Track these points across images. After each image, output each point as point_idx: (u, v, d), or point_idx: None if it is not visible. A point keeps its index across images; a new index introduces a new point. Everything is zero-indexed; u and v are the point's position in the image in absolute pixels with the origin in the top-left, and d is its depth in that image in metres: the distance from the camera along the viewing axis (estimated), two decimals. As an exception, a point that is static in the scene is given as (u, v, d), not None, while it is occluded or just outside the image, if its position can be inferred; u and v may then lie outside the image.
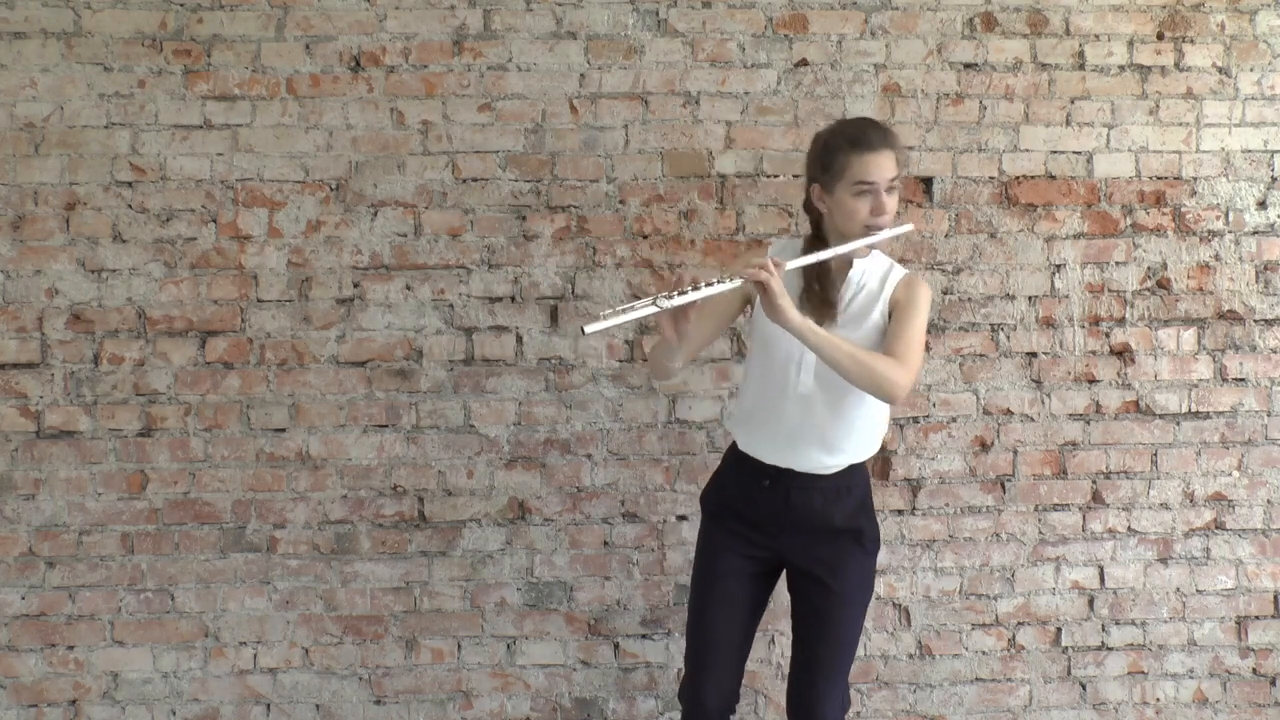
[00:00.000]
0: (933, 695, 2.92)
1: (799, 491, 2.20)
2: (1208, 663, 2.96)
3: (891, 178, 2.12)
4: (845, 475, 2.23)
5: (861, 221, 2.12)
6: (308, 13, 2.76)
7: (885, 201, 2.11)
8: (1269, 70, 2.91)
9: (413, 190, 2.80)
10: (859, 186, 2.10)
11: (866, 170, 2.09)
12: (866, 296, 2.21)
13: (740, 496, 2.25)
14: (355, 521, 2.82)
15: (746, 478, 2.24)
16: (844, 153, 2.12)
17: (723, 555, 2.26)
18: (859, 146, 2.11)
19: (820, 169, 2.17)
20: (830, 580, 2.21)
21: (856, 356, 2.05)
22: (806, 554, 2.22)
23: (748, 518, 2.24)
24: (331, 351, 2.80)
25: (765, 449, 2.22)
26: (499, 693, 2.86)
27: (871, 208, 2.11)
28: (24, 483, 2.76)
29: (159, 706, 2.81)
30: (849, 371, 2.05)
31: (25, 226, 2.74)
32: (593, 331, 1.94)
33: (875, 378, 2.05)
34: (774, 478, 2.21)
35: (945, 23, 2.86)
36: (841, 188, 2.12)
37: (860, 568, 2.25)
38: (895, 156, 2.13)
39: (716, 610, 2.25)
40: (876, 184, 2.10)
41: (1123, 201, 2.91)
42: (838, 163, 2.12)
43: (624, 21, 2.81)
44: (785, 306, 1.99)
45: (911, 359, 2.11)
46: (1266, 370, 2.94)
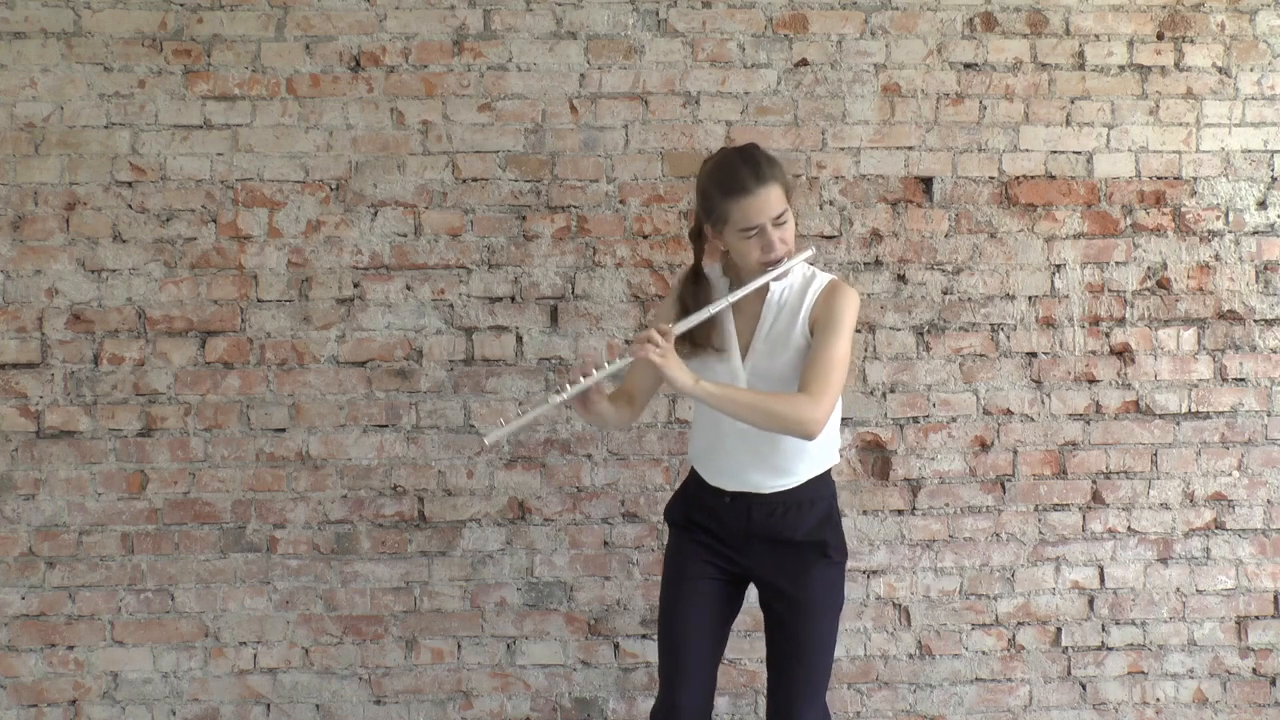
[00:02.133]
0: (933, 695, 2.92)
1: (759, 508, 2.18)
2: (1208, 663, 2.96)
3: (778, 212, 2.05)
4: (808, 488, 2.19)
5: (755, 260, 2.08)
6: (308, 13, 2.77)
7: (773, 238, 2.05)
8: (1269, 70, 2.91)
9: (413, 190, 2.80)
10: (744, 232, 2.06)
11: (747, 216, 2.04)
12: (788, 315, 2.14)
13: (703, 512, 2.23)
14: (355, 521, 2.82)
15: (708, 496, 2.23)
16: (722, 201, 2.06)
17: (691, 561, 2.23)
18: (734, 193, 2.04)
19: (704, 213, 2.13)
20: (796, 592, 2.17)
21: (758, 406, 2.02)
22: (772, 567, 2.19)
23: (712, 531, 2.22)
24: (331, 351, 2.80)
25: (721, 479, 2.21)
26: (499, 693, 2.86)
27: (761, 247, 2.06)
28: (24, 483, 2.76)
29: (159, 706, 2.81)
30: (754, 422, 2.03)
31: (25, 226, 2.74)
32: (493, 441, 2.02)
33: (783, 421, 2.03)
34: (734, 496, 2.20)
35: (945, 23, 2.86)
36: (728, 231, 2.08)
37: (826, 580, 2.20)
38: (778, 188, 2.05)
39: (687, 611, 2.21)
40: (762, 224, 2.04)
41: (1123, 201, 2.91)
42: (718, 210, 2.07)
43: (624, 21, 2.81)
44: (676, 376, 2.00)
45: (827, 387, 2.04)
46: (1266, 370, 2.94)
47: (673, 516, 2.31)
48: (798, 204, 2.16)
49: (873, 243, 2.87)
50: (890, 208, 2.87)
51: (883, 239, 2.87)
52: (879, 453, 2.89)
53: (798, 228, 2.81)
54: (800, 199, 2.84)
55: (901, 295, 2.88)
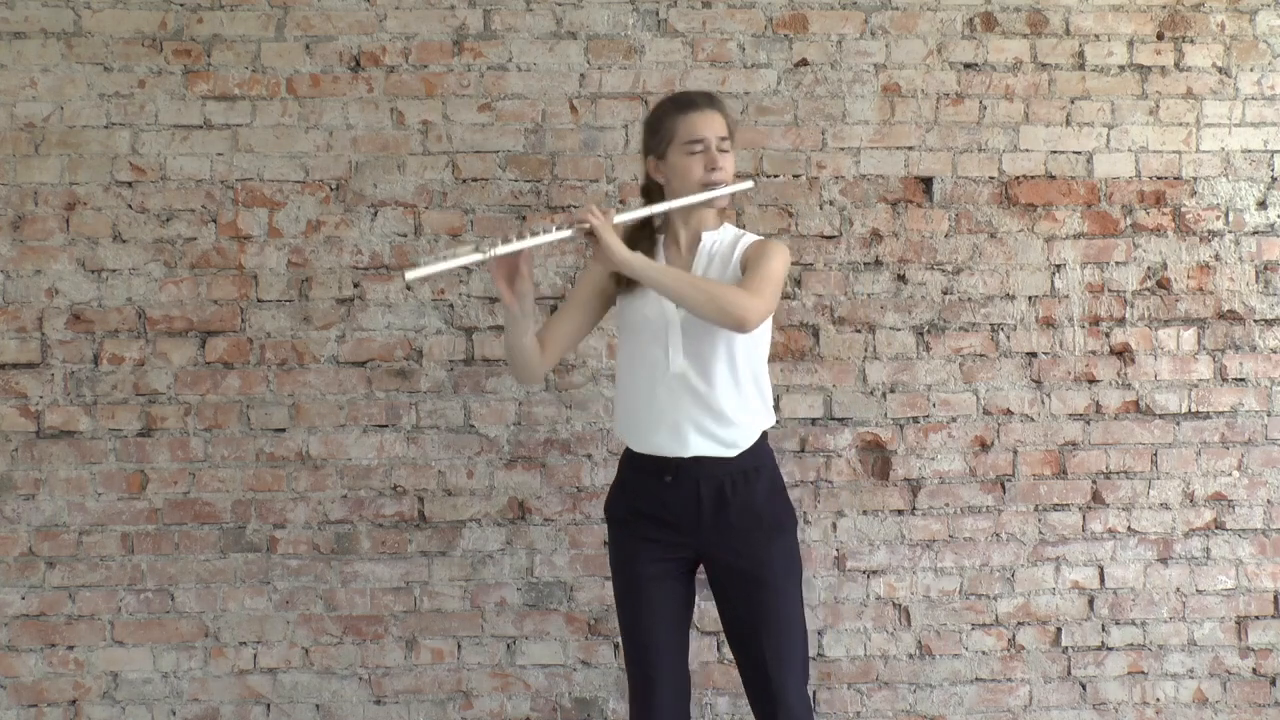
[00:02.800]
0: (933, 695, 2.92)
1: (705, 481, 2.12)
2: (1208, 663, 2.95)
3: (722, 136, 2.12)
4: (749, 456, 2.14)
5: (698, 180, 2.10)
6: (308, 13, 2.77)
7: (718, 158, 2.10)
8: (1269, 70, 2.91)
9: (413, 190, 2.80)
10: (690, 146, 2.10)
11: (694, 128, 2.10)
12: (720, 263, 2.16)
13: (646, 499, 2.16)
14: (355, 521, 2.82)
15: (648, 479, 2.16)
16: (670, 116, 2.13)
17: (639, 561, 2.17)
18: (685, 108, 2.13)
19: (652, 138, 2.17)
20: (760, 572, 2.12)
21: (696, 284, 2.02)
22: (726, 546, 2.13)
23: (659, 519, 2.14)
24: (331, 351, 2.80)
25: (654, 441, 2.14)
26: (499, 693, 2.86)
27: (705, 164, 2.10)
28: (24, 483, 2.76)
29: (159, 706, 2.81)
30: (692, 299, 2.00)
31: (25, 226, 2.74)
32: (413, 278, 1.90)
33: (719, 302, 1.99)
34: (675, 472, 2.12)
35: (945, 23, 2.86)
36: (674, 151, 2.12)
37: (784, 551, 2.16)
38: (723, 118, 2.13)
39: (649, 621, 2.16)
40: (707, 139, 2.10)
41: (1123, 201, 2.91)
42: (665, 127, 2.13)
43: (624, 21, 2.81)
44: (613, 244, 1.97)
45: (762, 290, 2.04)
46: (1266, 370, 2.94)
47: (614, 512, 2.23)
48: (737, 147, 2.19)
49: (873, 243, 2.87)
50: (890, 208, 2.87)
51: (883, 239, 2.87)
52: (879, 453, 2.89)
53: (797, 227, 2.83)
54: (800, 199, 2.84)
55: (901, 295, 2.88)
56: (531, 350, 2.13)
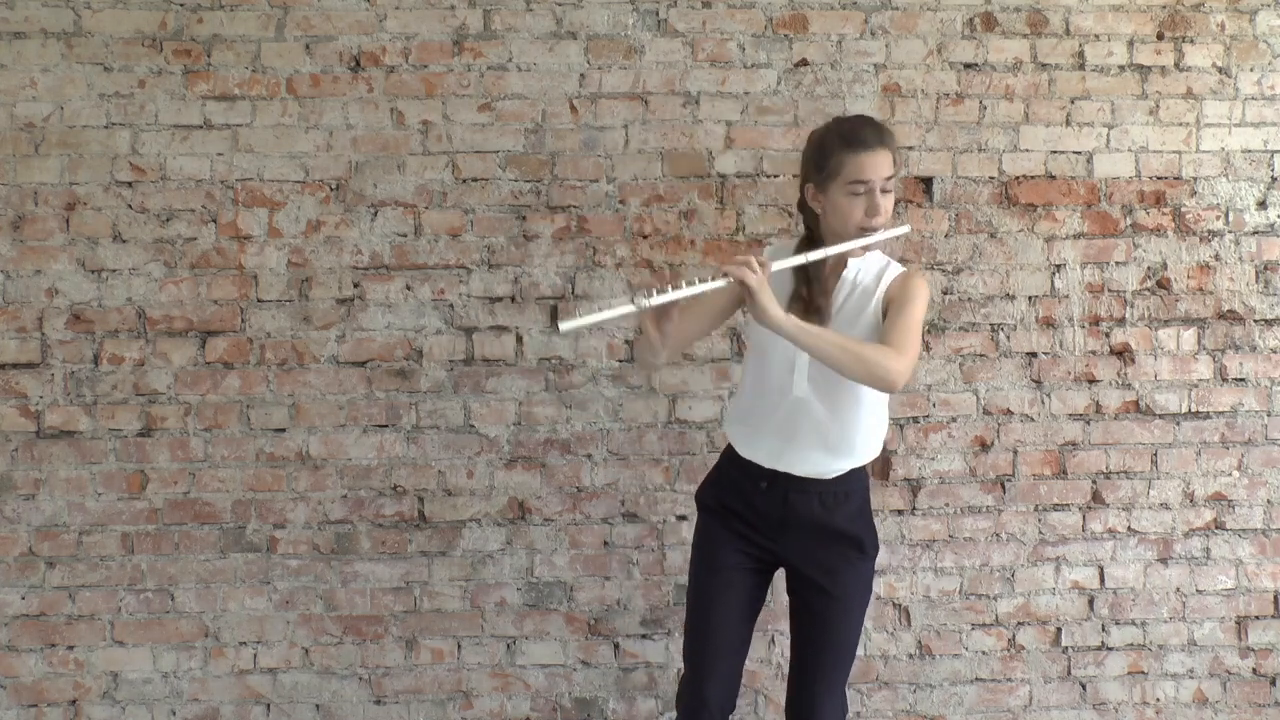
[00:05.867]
0: (933, 695, 2.92)
1: (797, 495, 2.18)
2: (1208, 663, 2.96)
3: (887, 176, 2.08)
4: (845, 480, 2.20)
5: (856, 223, 2.09)
6: (308, 13, 2.77)
7: (880, 202, 2.08)
8: (1269, 70, 2.91)
9: (413, 190, 2.80)
10: (853, 186, 2.07)
11: (861, 169, 2.06)
12: (861, 295, 2.16)
13: (737, 497, 2.23)
14: (355, 521, 2.82)
15: (744, 480, 2.22)
16: (839, 152, 2.08)
17: (723, 548, 2.23)
18: (854, 146, 2.07)
19: (814, 169, 2.13)
20: (829, 585, 2.19)
21: (846, 347, 1.99)
22: (805, 557, 2.20)
23: (746, 518, 2.22)
24: (331, 351, 2.80)
25: (761, 453, 2.19)
26: (499, 693, 2.86)
27: (866, 208, 2.08)
28: (24, 483, 2.76)
29: (159, 706, 2.81)
30: (840, 362, 1.98)
31: (25, 226, 2.74)
32: (567, 330, 1.91)
33: (868, 366, 1.99)
34: (771, 480, 2.19)
35: (945, 23, 2.86)
36: (836, 188, 2.09)
37: (859, 574, 2.22)
38: (891, 155, 2.10)
39: (719, 601, 2.21)
40: (872, 183, 2.06)
41: (1123, 201, 2.91)
42: (832, 162, 2.09)
43: (624, 21, 2.81)
44: (768, 304, 1.94)
45: (908, 346, 2.04)
46: (1266, 370, 2.94)
47: (705, 500, 2.30)
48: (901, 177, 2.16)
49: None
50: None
51: (883, 239, 2.87)
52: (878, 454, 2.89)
53: (797, 227, 2.82)
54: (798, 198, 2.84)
55: (901, 295, 2.88)
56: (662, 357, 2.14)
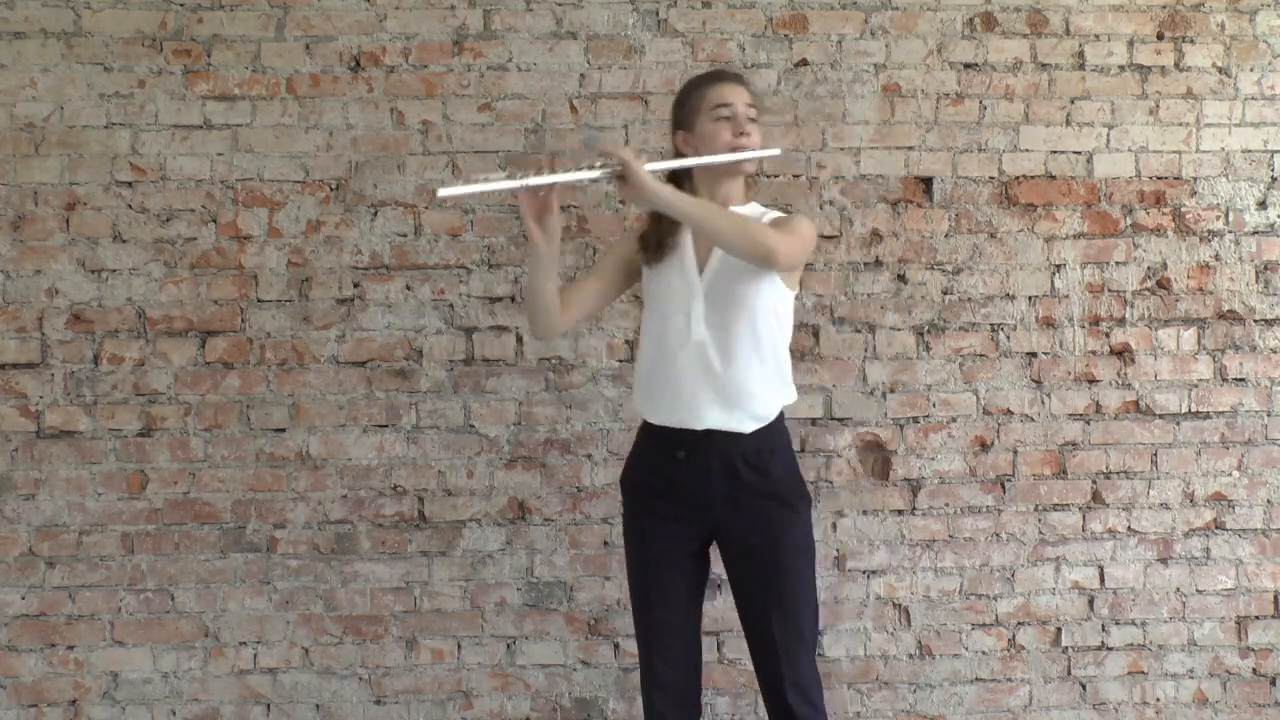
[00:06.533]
0: (933, 695, 2.92)
1: (719, 460, 2.12)
2: (1208, 663, 2.95)
3: (749, 103, 2.15)
4: (765, 435, 2.13)
5: (726, 143, 2.12)
6: (308, 13, 2.77)
7: (745, 125, 2.13)
8: (1269, 70, 2.91)
9: (413, 190, 2.80)
10: (718, 111, 2.13)
11: (722, 94, 2.13)
12: None
13: (659, 477, 2.16)
14: (355, 521, 2.82)
15: (662, 453, 2.15)
16: (698, 87, 2.17)
17: (653, 541, 2.18)
18: (711, 80, 2.18)
19: (680, 111, 2.19)
20: (770, 550, 2.12)
21: (728, 214, 2.05)
22: (737, 524, 2.13)
23: (671, 496, 2.15)
24: (331, 351, 2.80)
25: (670, 411, 2.14)
26: (499, 693, 2.86)
27: (733, 129, 2.12)
28: (24, 483, 2.76)
29: (159, 706, 2.81)
30: (723, 229, 2.00)
31: (25, 226, 2.74)
32: (445, 195, 1.88)
33: (753, 235, 2.01)
34: (690, 447, 2.12)
35: (945, 23, 2.86)
36: (702, 120, 2.14)
37: (795, 531, 2.15)
38: (748, 91, 2.17)
39: (658, 590, 2.17)
40: (734, 105, 2.13)
41: (1123, 201, 2.91)
42: (694, 97, 2.16)
43: (624, 21, 2.81)
44: (644, 177, 1.92)
45: (795, 231, 2.08)
46: (1266, 370, 2.94)
47: (627, 484, 2.24)
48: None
49: (873, 243, 2.87)
50: (890, 208, 2.87)
51: (883, 239, 2.87)
52: (879, 453, 2.89)
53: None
54: (800, 199, 2.84)
55: (901, 295, 2.88)
56: (552, 297, 2.10)
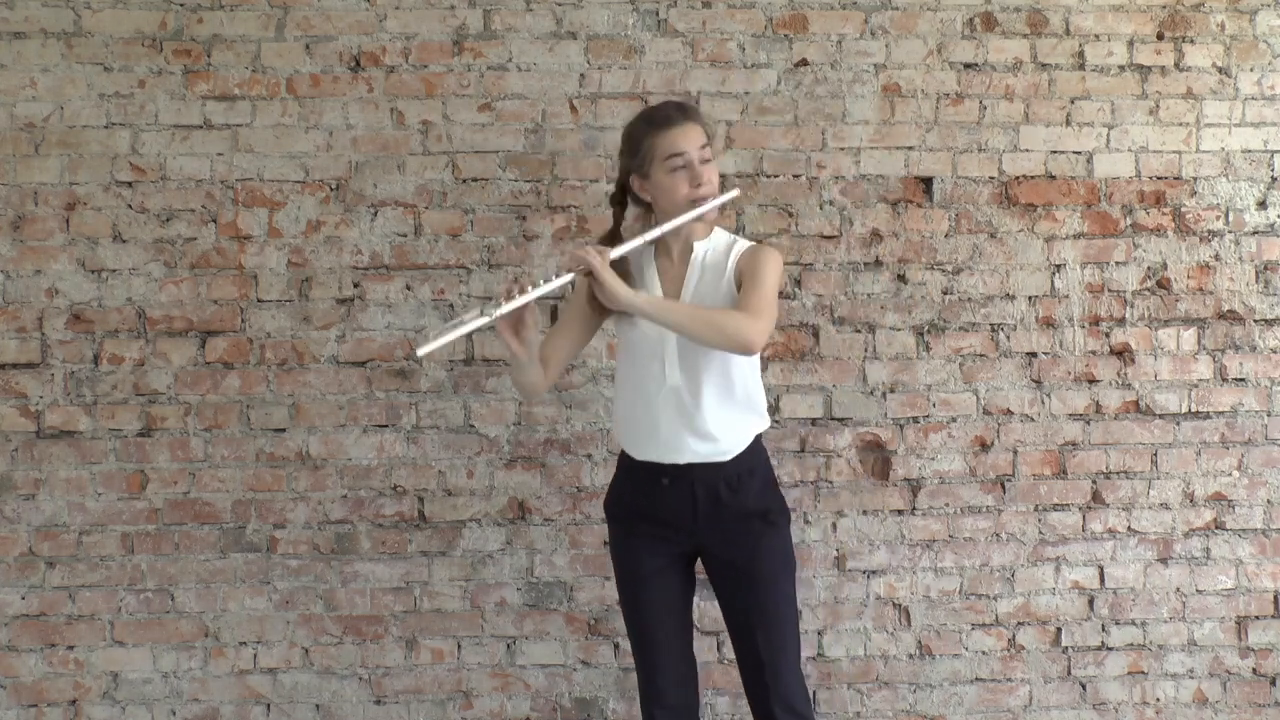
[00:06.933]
0: (933, 695, 2.92)
1: (701, 484, 2.16)
2: (1208, 663, 2.95)
3: (701, 145, 2.11)
4: (745, 459, 2.18)
5: (684, 196, 2.10)
6: (308, 13, 2.77)
7: (701, 171, 2.10)
8: (1269, 70, 2.91)
9: (413, 190, 2.80)
10: (671, 161, 2.09)
11: (674, 143, 2.09)
12: (713, 273, 2.17)
13: (644, 499, 2.21)
14: (355, 521, 2.82)
15: (644, 482, 2.20)
16: (648, 134, 2.12)
17: (640, 559, 2.22)
18: (660, 125, 2.11)
19: (631, 158, 2.15)
20: (750, 564, 2.17)
21: (700, 315, 2.05)
22: (720, 541, 2.18)
23: (657, 517, 2.19)
24: (331, 351, 2.80)
25: (652, 450, 2.18)
26: (499, 693, 2.86)
27: (689, 179, 2.10)
28: (24, 483, 2.76)
29: (159, 706, 2.81)
30: (696, 331, 2.03)
31: (25, 226, 2.74)
32: (425, 353, 1.92)
33: (724, 331, 2.02)
34: (673, 476, 2.16)
35: (945, 23, 2.86)
36: (656, 169, 2.11)
37: (776, 545, 2.20)
38: (700, 127, 2.12)
39: (650, 607, 2.22)
40: (688, 154, 2.09)
41: (1123, 201, 2.91)
42: (645, 145, 2.12)
43: (624, 21, 2.81)
44: (614, 285, 2.00)
45: (762, 310, 2.07)
46: (1266, 370, 2.94)
47: (613, 511, 2.28)
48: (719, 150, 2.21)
49: (873, 243, 2.87)
50: (890, 208, 2.87)
51: (883, 239, 2.87)
52: (879, 453, 2.89)
53: (797, 227, 2.83)
54: (800, 199, 2.84)
55: (901, 295, 2.88)
56: (537, 376, 2.16)
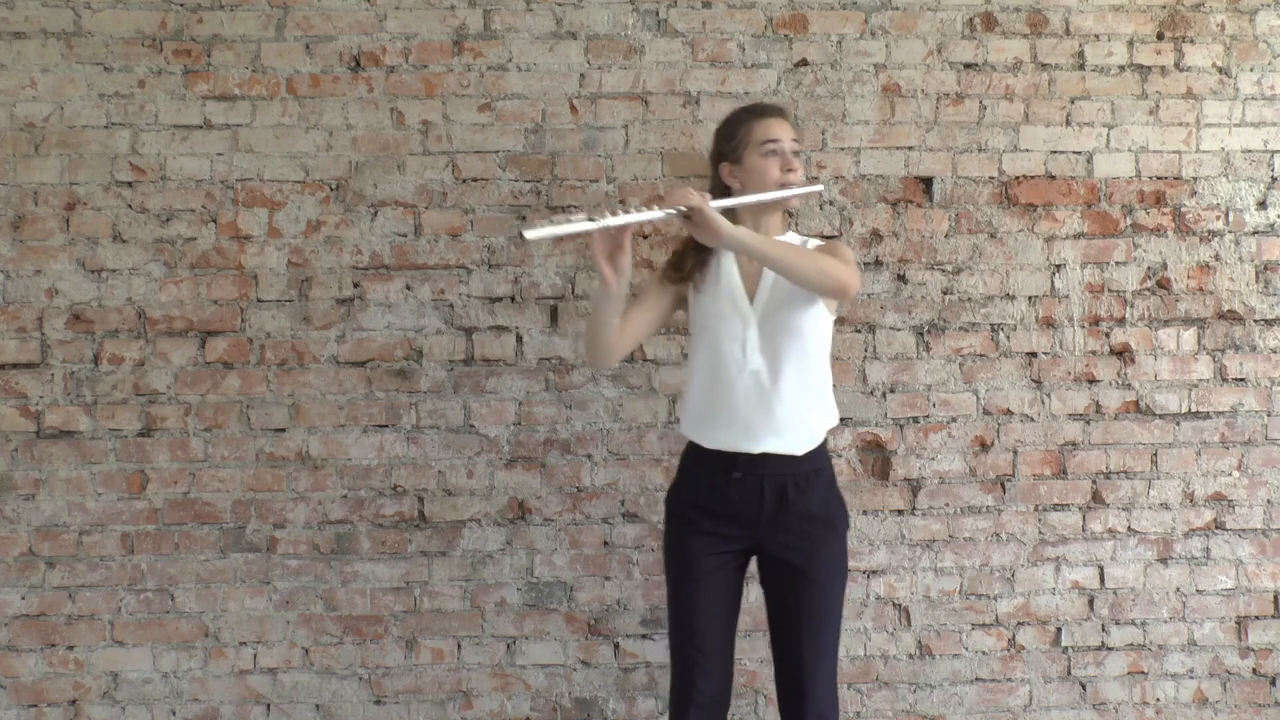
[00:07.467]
0: (933, 695, 2.92)
1: (771, 481, 2.19)
2: (1208, 663, 2.96)
3: (793, 138, 2.24)
4: (813, 457, 2.22)
5: (774, 179, 2.22)
6: (308, 13, 2.77)
7: (792, 160, 2.23)
8: (1269, 70, 2.91)
9: (413, 190, 2.80)
10: (766, 146, 2.21)
11: (769, 130, 2.22)
12: None
13: (709, 494, 2.23)
14: (355, 521, 2.82)
15: (713, 474, 2.22)
16: (745, 121, 2.24)
17: (698, 558, 2.24)
18: (759, 114, 2.25)
19: (726, 144, 2.26)
20: (806, 566, 2.20)
21: (801, 250, 2.13)
22: (781, 542, 2.21)
23: (720, 513, 2.22)
24: (331, 351, 2.80)
25: (726, 437, 2.20)
26: (499, 693, 2.86)
27: (781, 164, 2.22)
28: (24, 483, 2.76)
29: (159, 706, 2.81)
30: (796, 265, 2.09)
31: (25, 226, 2.74)
32: (532, 237, 1.93)
33: (826, 270, 2.11)
34: (745, 469, 2.20)
35: (945, 23, 2.86)
36: (749, 153, 2.22)
37: (834, 552, 2.24)
38: (791, 126, 2.26)
39: (701, 604, 2.24)
40: (781, 141, 2.21)
41: (1123, 201, 2.91)
42: (741, 131, 2.23)
43: (624, 21, 2.81)
44: (716, 219, 2.02)
45: (848, 262, 2.19)
46: (1266, 370, 2.94)
47: (675, 507, 2.30)
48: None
49: (873, 243, 2.87)
50: (890, 208, 2.87)
51: (883, 239, 2.87)
52: (879, 453, 2.89)
53: (797, 227, 2.83)
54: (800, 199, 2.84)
55: (901, 295, 2.88)
56: (615, 332, 2.17)
